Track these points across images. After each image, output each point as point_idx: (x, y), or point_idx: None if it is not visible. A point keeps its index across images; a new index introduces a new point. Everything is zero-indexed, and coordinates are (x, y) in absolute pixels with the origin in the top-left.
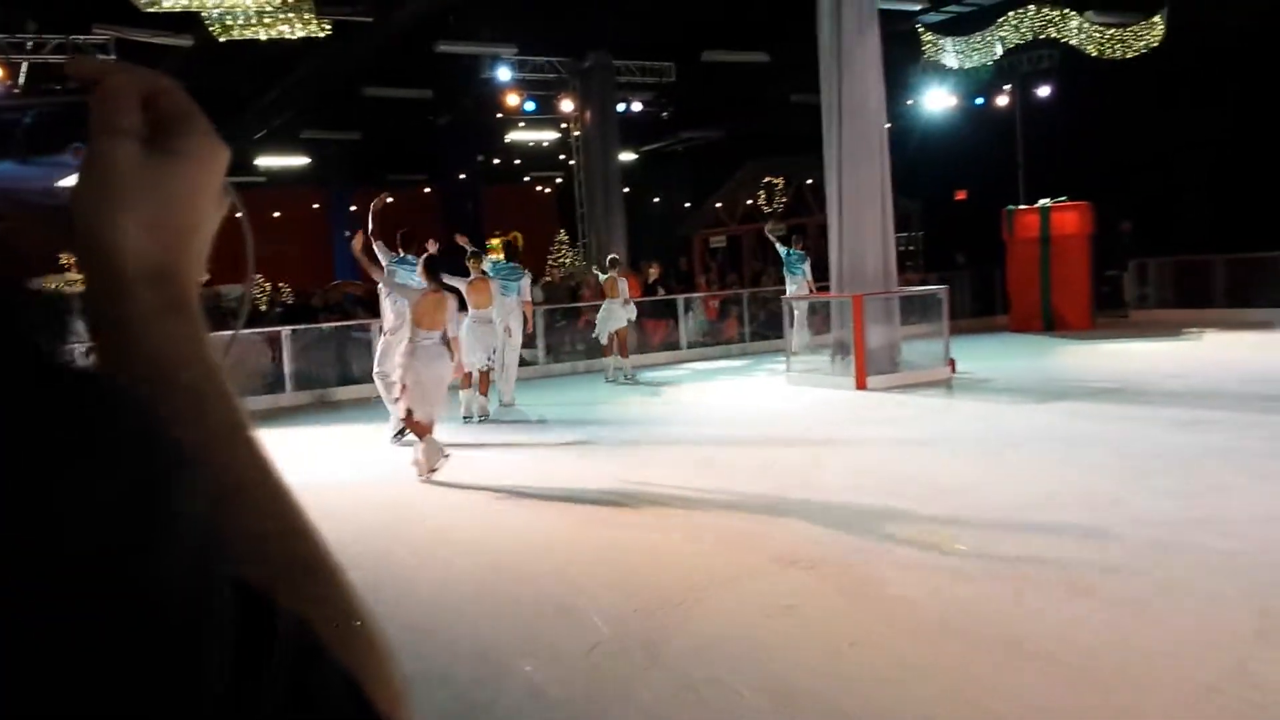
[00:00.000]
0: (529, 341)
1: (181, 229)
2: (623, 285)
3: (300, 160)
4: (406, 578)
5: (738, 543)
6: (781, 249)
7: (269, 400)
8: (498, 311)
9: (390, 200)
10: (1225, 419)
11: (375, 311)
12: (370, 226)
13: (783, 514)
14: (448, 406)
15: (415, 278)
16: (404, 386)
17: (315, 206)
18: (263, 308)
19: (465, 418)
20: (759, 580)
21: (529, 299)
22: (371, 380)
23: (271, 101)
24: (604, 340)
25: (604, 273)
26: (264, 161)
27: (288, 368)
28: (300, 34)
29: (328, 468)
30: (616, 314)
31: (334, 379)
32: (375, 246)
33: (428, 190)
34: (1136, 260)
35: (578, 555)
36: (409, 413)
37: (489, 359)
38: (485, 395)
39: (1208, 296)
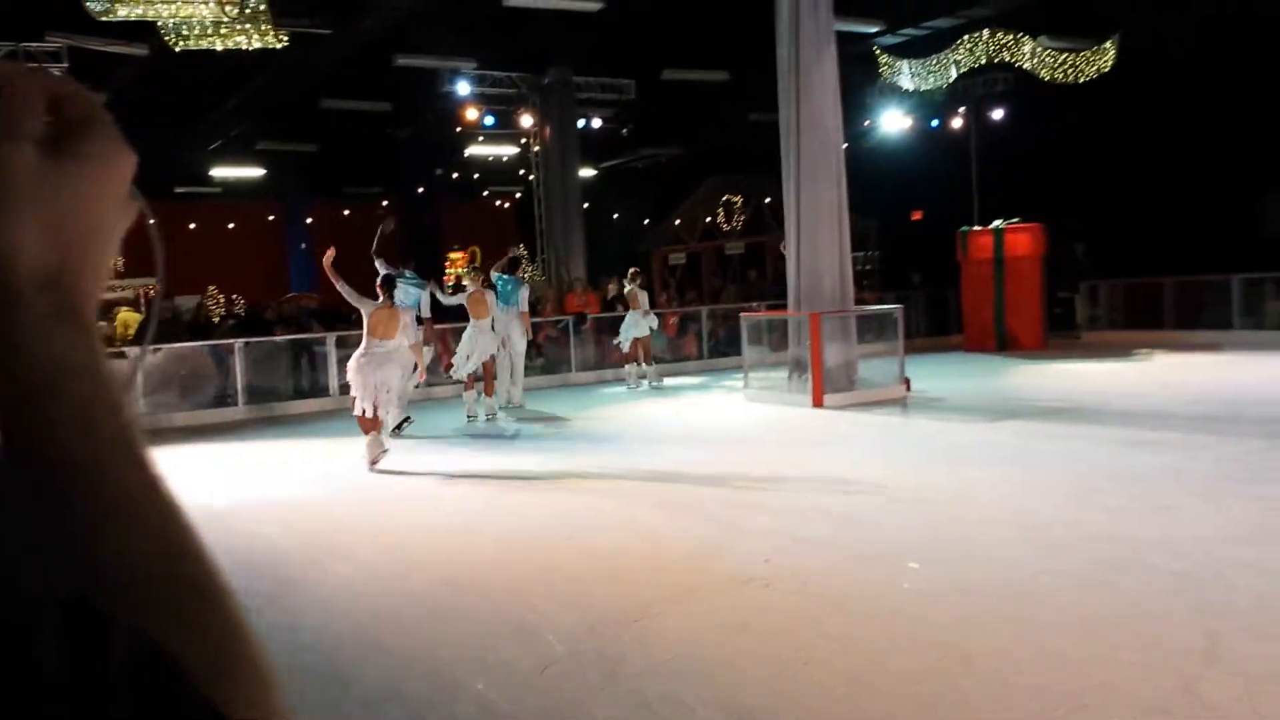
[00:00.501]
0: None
1: (81, 234)
2: (643, 296)
3: (256, 171)
4: (358, 593)
5: (694, 560)
6: None
7: (219, 414)
8: (499, 321)
9: (393, 227)
10: (1175, 439)
11: (331, 325)
12: (375, 245)
13: (739, 531)
14: (398, 406)
15: (413, 290)
16: (352, 387)
17: (270, 218)
18: (215, 320)
19: (470, 418)
20: (714, 598)
21: (525, 309)
22: (325, 394)
23: (227, 112)
24: (625, 348)
25: (623, 285)
26: (219, 172)
27: (239, 381)
28: (257, 45)
29: (280, 482)
30: (639, 323)
31: (288, 393)
32: (377, 262)
33: (385, 203)
34: (1088, 282)
35: (533, 573)
36: (362, 411)
37: (482, 363)
38: (491, 396)
39: (1158, 318)
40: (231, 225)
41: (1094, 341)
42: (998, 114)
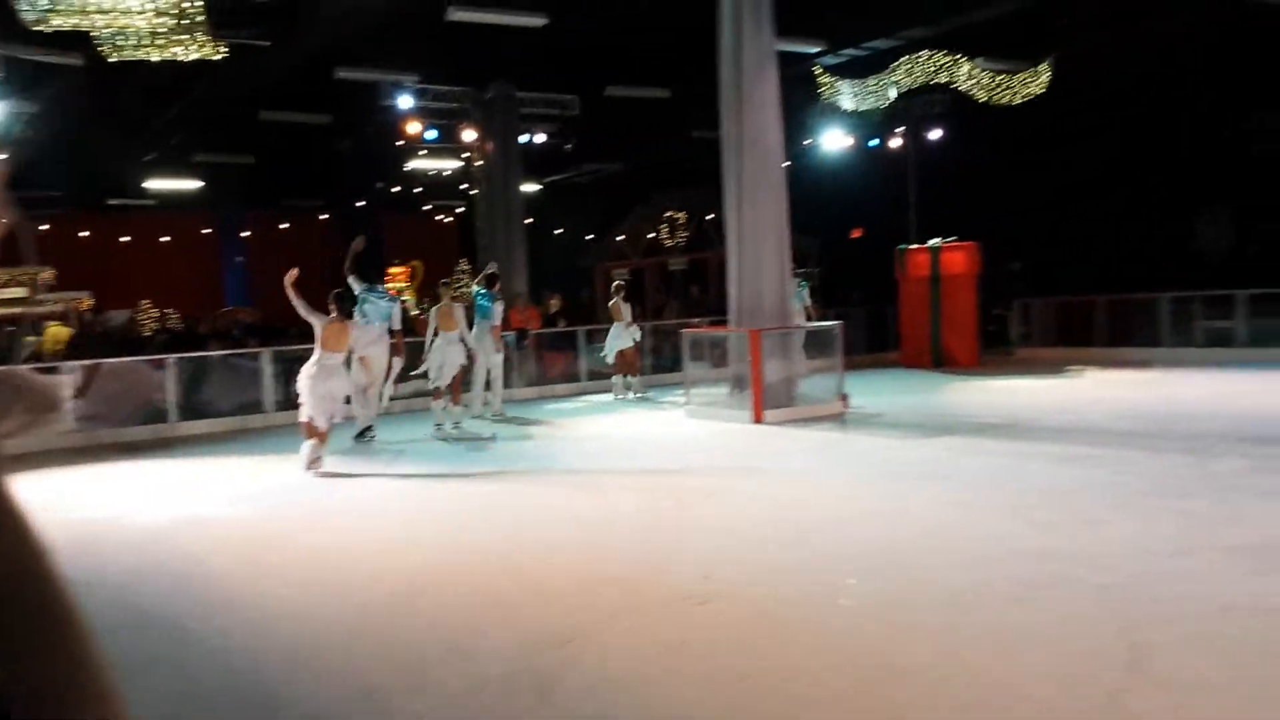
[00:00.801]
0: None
1: None
2: (626, 309)
3: (192, 184)
4: (290, 614)
5: (631, 578)
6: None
7: (152, 430)
8: (476, 334)
9: (364, 245)
10: (1105, 455)
11: (267, 340)
12: (347, 263)
13: (676, 548)
14: (341, 413)
15: (384, 305)
16: (301, 395)
17: (206, 231)
18: (148, 334)
19: (438, 425)
20: (651, 615)
21: (498, 323)
22: (259, 410)
23: (163, 123)
24: (610, 360)
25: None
26: (154, 184)
27: (172, 397)
28: (194, 56)
29: (212, 500)
30: (623, 335)
31: (222, 409)
32: (350, 279)
33: (324, 217)
34: (1021, 300)
35: (468, 592)
36: (309, 418)
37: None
38: (458, 405)
39: (1089, 336)
40: (166, 238)
41: (1027, 358)
42: (935, 134)
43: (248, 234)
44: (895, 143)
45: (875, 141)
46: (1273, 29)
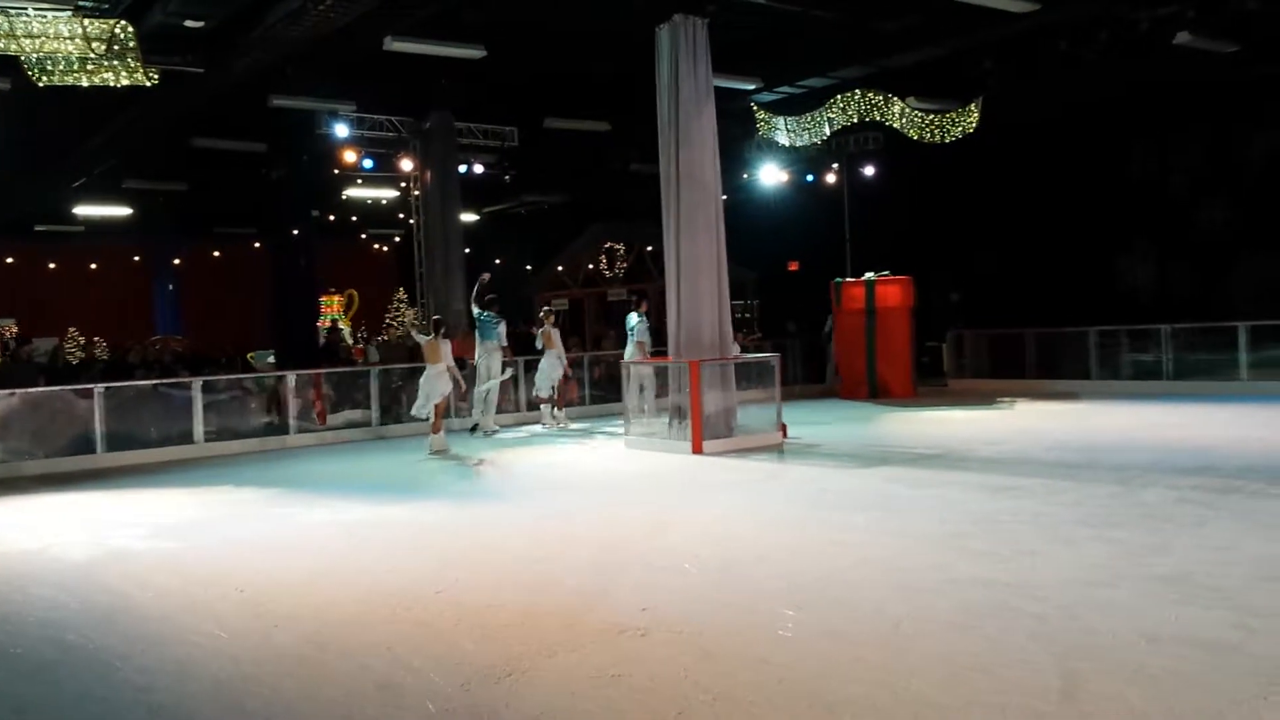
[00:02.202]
0: (367, 402)
1: None
2: (556, 335)
3: (122, 210)
4: (218, 651)
5: (568, 611)
6: None
7: (79, 461)
8: (479, 354)
9: (489, 277)
10: (1036, 485)
11: (198, 369)
12: (473, 293)
13: (614, 580)
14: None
15: (493, 325)
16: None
17: (136, 259)
18: (74, 363)
19: (435, 452)
20: (588, 649)
21: (505, 344)
22: (189, 441)
23: (93, 148)
24: (545, 393)
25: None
26: (83, 210)
27: (99, 428)
28: (125, 83)
29: (138, 534)
30: (556, 366)
31: (151, 439)
32: (473, 306)
33: (257, 245)
34: (954, 332)
35: (403, 628)
36: (428, 415)
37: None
38: (439, 433)
39: (1019, 367)
40: (94, 265)
41: (960, 389)
42: (869, 170)
43: (179, 262)
44: (831, 178)
45: (811, 176)
46: (1190, 71)
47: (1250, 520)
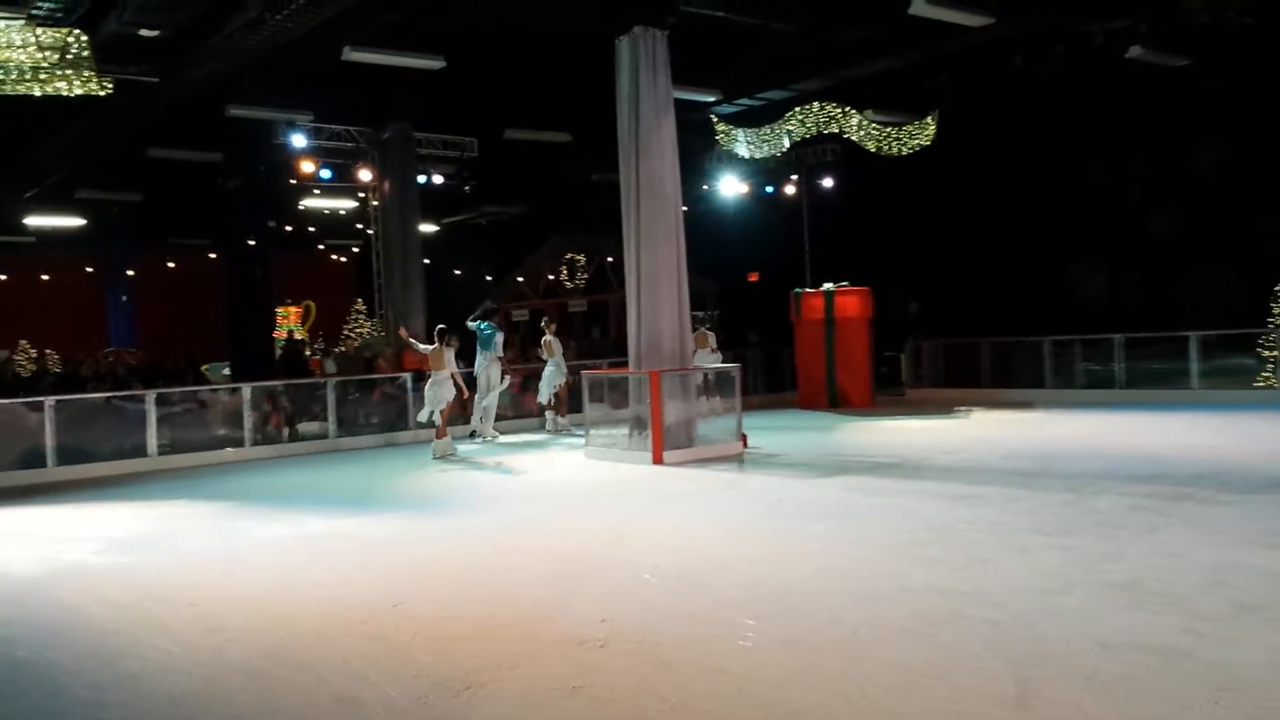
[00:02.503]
0: (325, 415)
1: None
2: (557, 345)
3: (75, 221)
4: (171, 667)
5: (526, 622)
6: None
7: (30, 475)
8: (479, 363)
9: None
10: (991, 494)
11: (152, 382)
12: (477, 313)
13: (573, 591)
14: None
15: (488, 336)
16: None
17: (89, 270)
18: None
19: (441, 456)
20: (548, 661)
21: (502, 354)
22: (143, 454)
23: (45, 158)
24: (545, 400)
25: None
26: (34, 221)
27: (50, 441)
28: (79, 92)
29: (90, 548)
30: (557, 374)
31: (103, 453)
32: (469, 321)
33: (213, 255)
34: (912, 342)
35: (359, 642)
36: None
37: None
38: (445, 438)
39: (976, 376)
40: (46, 276)
41: (918, 399)
42: (828, 182)
43: (133, 273)
44: (790, 189)
45: (770, 188)
46: (1142, 84)
47: (1201, 527)
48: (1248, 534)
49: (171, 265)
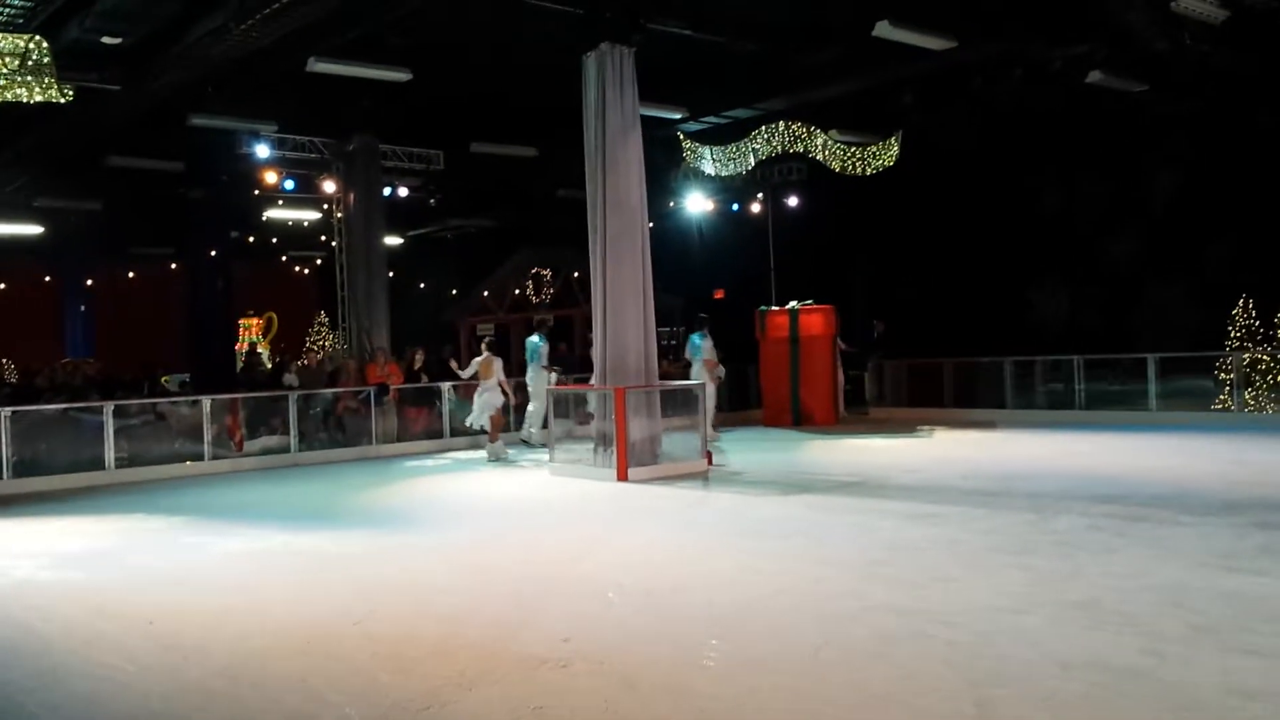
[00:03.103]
0: (285, 428)
1: None
2: (497, 365)
3: (32, 229)
4: (126, 686)
5: (489, 641)
6: None
7: None
8: (529, 374)
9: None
10: (952, 513)
11: (110, 393)
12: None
13: (535, 610)
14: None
15: (536, 344)
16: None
17: (47, 279)
18: None
19: (494, 459)
20: (509, 680)
21: (546, 363)
22: (100, 467)
23: (3, 165)
24: (479, 425)
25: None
26: None
27: (4, 453)
28: (39, 99)
29: (43, 564)
30: (497, 395)
31: (59, 466)
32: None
33: (174, 266)
34: (875, 360)
35: (318, 661)
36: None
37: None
38: (496, 442)
39: (938, 396)
40: (3, 285)
41: (881, 417)
42: (793, 200)
43: (92, 282)
44: (756, 207)
45: (736, 206)
46: (1101, 109)
47: (1159, 548)
48: (1205, 555)
49: (132, 275)
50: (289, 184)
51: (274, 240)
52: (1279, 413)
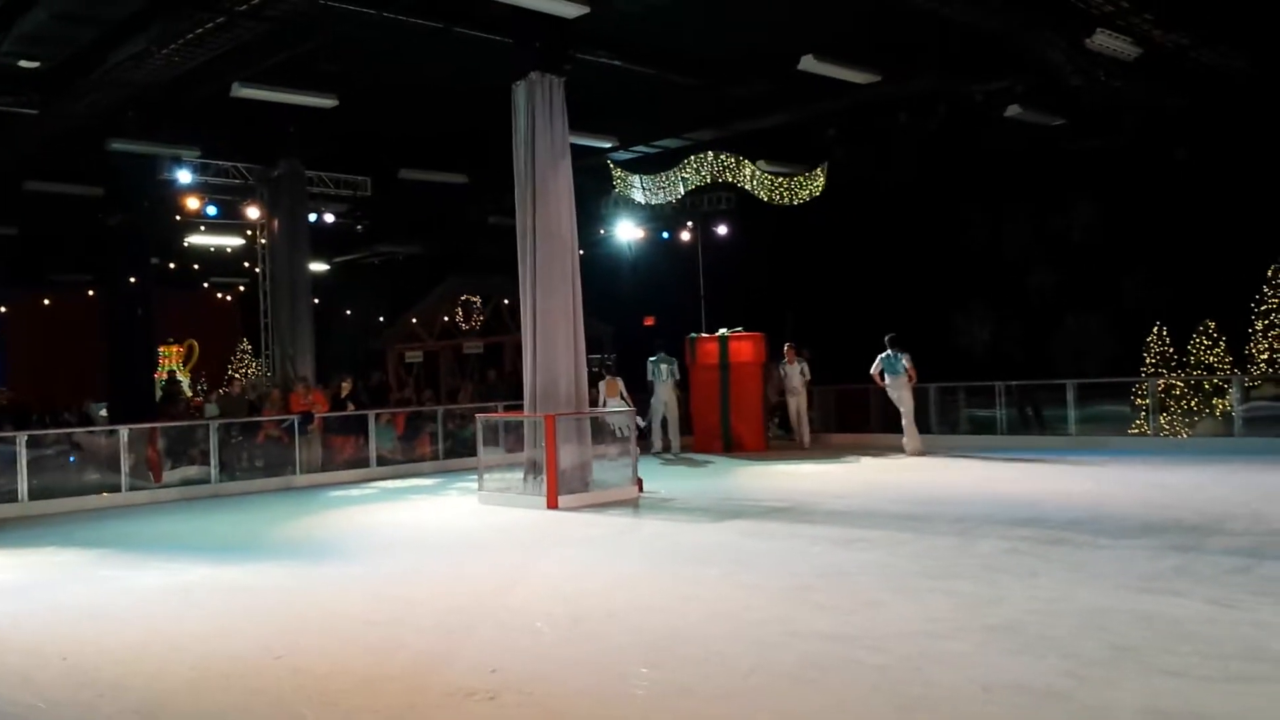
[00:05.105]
0: (205, 459)
1: None
2: (620, 385)
3: None
4: None
5: (413, 675)
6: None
7: None
8: (656, 390)
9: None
10: (880, 537)
11: (23, 424)
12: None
13: (462, 641)
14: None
15: (665, 366)
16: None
17: None
18: None
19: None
20: (435, 714)
21: (672, 378)
22: (14, 499)
23: None
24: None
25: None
26: None
27: None
28: None
29: None
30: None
31: None
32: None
33: (92, 293)
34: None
35: (238, 696)
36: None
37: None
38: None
39: (865, 422)
40: None
41: (810, 443)
42: (722, 229)
43: (5, 310)
44: (686, 235)
45: (666, 234)
46: (1022, 142)
47: (1080, 571)
48: (1124, 578)
49: (48, 302)
50: (211, 210)
51: (196, 267)
52: (1193, 437)
